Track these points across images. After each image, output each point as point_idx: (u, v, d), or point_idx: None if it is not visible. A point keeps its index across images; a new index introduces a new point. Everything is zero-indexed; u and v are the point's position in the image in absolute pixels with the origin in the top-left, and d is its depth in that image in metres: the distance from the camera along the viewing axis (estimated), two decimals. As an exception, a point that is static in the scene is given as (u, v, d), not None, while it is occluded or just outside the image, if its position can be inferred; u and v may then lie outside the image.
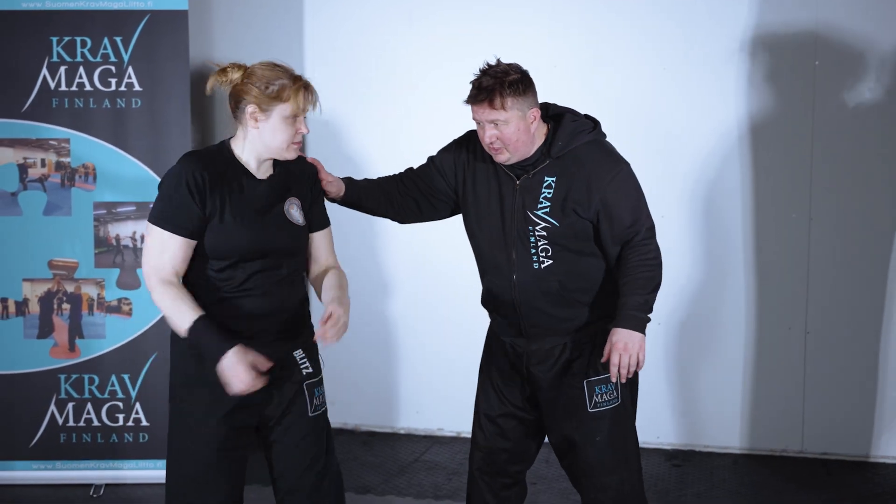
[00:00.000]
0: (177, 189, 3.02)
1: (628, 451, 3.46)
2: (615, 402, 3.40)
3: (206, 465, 3.15)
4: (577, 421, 3.40)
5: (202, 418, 3.12)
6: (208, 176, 3.04)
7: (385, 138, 5.42)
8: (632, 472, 3.46)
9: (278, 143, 3.07)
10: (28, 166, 4.81)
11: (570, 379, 3.40)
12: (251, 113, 3.04)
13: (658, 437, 5.26)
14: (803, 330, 5.08)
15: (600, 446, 3.40)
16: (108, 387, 4.85)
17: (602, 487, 3.43)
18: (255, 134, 3.07)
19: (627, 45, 5.12)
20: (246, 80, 3.05)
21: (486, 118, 3.27)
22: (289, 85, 3.04)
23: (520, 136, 3.28)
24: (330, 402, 5.56)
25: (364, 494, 4.78)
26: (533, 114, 3.29)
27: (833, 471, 5.01)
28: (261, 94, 3.02)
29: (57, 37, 4.77)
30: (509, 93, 3.23)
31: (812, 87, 4.95)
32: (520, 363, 3.48)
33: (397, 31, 5.36)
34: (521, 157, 3.34)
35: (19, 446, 4.84)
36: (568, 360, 3.40)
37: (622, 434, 3.44)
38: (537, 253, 3.34)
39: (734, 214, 5.09)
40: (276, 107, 3.03)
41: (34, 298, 4.84)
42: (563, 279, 3.34)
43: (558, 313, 3.38)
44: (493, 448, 3.56)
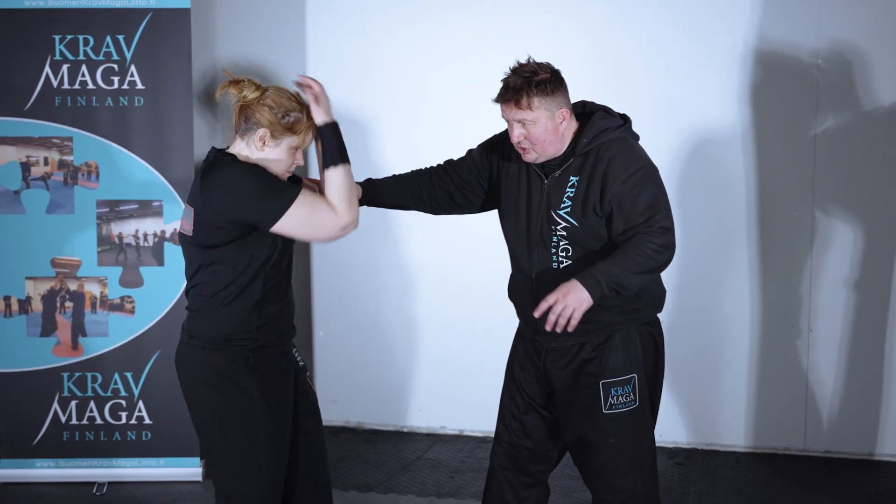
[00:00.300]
0: (261, 174, 3.06)
1: (644, 455, 3.42)
2: (631, 404, 3.37)
3: (280, 468, 3.21)
4: (591, 421, 3.38)
5: (267, 417, 3.15)
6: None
7: (386, 136, 5.42)
8: (645, 476, 3.42)
9: (277, 169, 3.14)
10: (31, 164, 4.81)
11: (586, 379, 3.37)
12: (261, 136, 3.10)
13: (661, 436, 5.22)
14: (806, 328, 5.08)
15: (614, 448, 3.38)
16: (110, 385, 4.86)
17: (614, 490, 3.41)
18: (258, 156, 3.13)
19: (631, 43, 5.11)
20: (262, 103, 3.10)
21: (513, 117, 3.27)
22: (303, 119, 3.13)
23: (547, 137, 3.27)
24: (332, 400, 5.63)
25: (366, 493, 4.78)
26: (562, 114, 3.28)
27: (836, 469, 5.00)
28: (276, 122, 3.10)
29: (59, 35, 4.77)
30: (536, 92, 3.22)
31: (816, 83, 4.94)
32: (539, 360, 3.47)
33: (399, 29, 5.35)
34: (549, 157, 3.32)
35: (22, 444, 4.85)
36: (584, 360, 3.38)
37: (637, 437, 3.40)
38: (557, 253, 3.33)
39: (737, 212, 5.09)
40: (286, 137, 3.12)
41: (37, 297, 4.84)
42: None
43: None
44: (516, 444, 3.55)
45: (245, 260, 3.09)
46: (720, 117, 5.06)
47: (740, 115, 5.03)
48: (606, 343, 3.36)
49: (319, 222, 3.08)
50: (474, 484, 4.84)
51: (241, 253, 3.08)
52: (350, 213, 3.11)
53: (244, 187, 3.03)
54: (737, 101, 5.03)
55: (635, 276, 3.16)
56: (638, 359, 3.38)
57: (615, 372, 3.35)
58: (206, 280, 3.13)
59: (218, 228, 3.06)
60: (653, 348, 3.44)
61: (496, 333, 4.50)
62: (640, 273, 3.17)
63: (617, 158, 3.28)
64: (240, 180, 3.04)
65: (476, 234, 4.95)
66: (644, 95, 5.08)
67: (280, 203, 3.03)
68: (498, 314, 4.32)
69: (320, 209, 3.08)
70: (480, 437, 5.42)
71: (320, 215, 3.08)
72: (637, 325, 3.39)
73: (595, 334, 3.36)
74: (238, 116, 3.14)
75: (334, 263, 5.57)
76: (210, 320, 3.14)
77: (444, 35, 5.32)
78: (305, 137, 3.14)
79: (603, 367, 3.35)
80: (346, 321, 5.59)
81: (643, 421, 3.42)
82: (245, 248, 3.08)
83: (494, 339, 4.49)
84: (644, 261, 3.17)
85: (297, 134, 3.12)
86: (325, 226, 3.09)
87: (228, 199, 3.03)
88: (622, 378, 3.35)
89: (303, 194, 3.07)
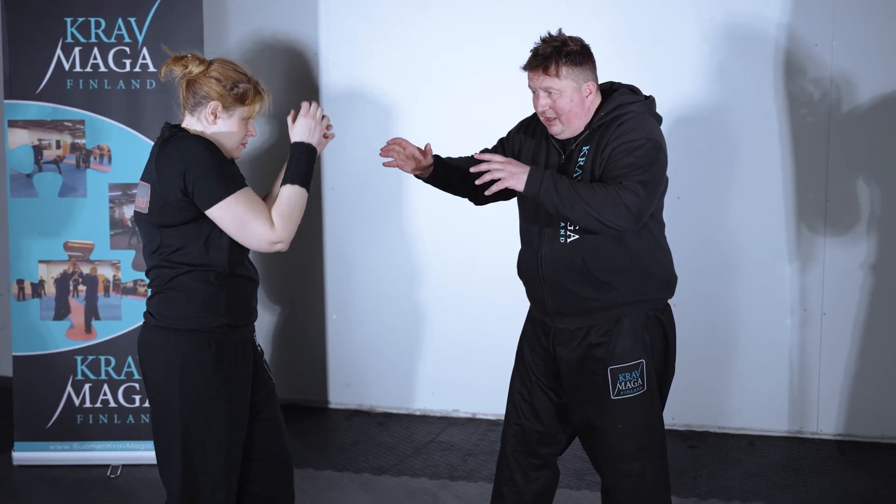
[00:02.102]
0: (218, 156, 3.04)
1: (653, 440, 3.41)
2: (640, 389, 3.36)
3: (236, 454, 3.19)
4: (599, 407, 3.38)
5: (229, 407, 3.14)
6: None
7: (400, 118, 5.41)
8: (654, 461, 3.41)
9: (232, 142, 3.14)
10: (43, 148, 4.80)
11: (594, 364, 3.37)
12: (213, 109, 3.09)
13: (673, 419, 5.26)
14: (819, 312, 5.07)
15: (622, 433, 3.37)
16: (124, 368, 4.87)
17: (622, 474, 3.41)
18: (212, 130, 3.12)
19: (650, 27, 5.08)
20: (208, 76, 3.09)
21: (540, 85, 3.26)
22: (251, 90, 3.12)
23: (573, 108, 3.26)
24: (345, 384, 5.64)
25: (380, 475, 4.79)
26: (588, 87, 3.28)
27: (848, 452, 5.01)
28: (226, 94, 3.09)
29: (71, 17, 4.76)
30: (565, 62, 3.23)
31: (829, 67, 4.92)
32: (548, 342, 3.46)
33: (413, 12, 5.33)
34: (574, 132, 3.31)
35: (37, 427, 4.86)
36: (591, 344, 3.37)
37: (646, 422, 3.39)
38: (565, 227, 3.31)
39: (751, 196, 5.07)
40: (237, 108, 3.11)
41: (50, 280, 4.84)
42: (587, 257, 3.29)
43: (581, 292, 3.33)
44: (525, 427, 3.55)
45: (202, 241, 3.06)
46: (732, 100, 5.03)
47: (755, 98, 5.01)
48: (615, 328, 3.35)
49: (252, 228, 3.03)
50: (487, 466, 4.85)
51: (198, 233, 3.05)
52: (284, 233, 3.06)
53: (197, 159, 3.00)
54: (750, 83, 5.01)
55: (579, 203, 3.11)
56: (646, 344, 3.37)
57: (623, 357, 3.34)
58: (165, 261, 3.09)
59: (171, 207, 3.02)
60: (660, 334, 3.42)
61: (508, 316, 4.50)
62: (585, 205, 3.11)
63: (624, 126, 3.25)
64: (195, 152, 3.01)
65: (487, 218, 4.94)
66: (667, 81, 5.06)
67: (222, 188, 3.00)
68: (510, 297, 4.31)
69: (257, 216, 3.03)
70: (493, 420, 5.43)
71: (255, 221, 3.03)
72: (646, 310, 3.38)
73: (602, 316, 3.35)
74: (186, 92, 3.12)
75: (347, 247, 5.57)
76: (176, 300, 3.10)
77: (459, 17, 5.29)
78: (255, 107, 3.14)
79: (611, 352, 3.34)
80: (358, 305, 5.59)
81: (651, 406, 3.41)
82: (202, 228, 3.05)
83: (507, 322, 4.48)
84: (595, 199, 3.11)
85: (247, 104, 3.12)
86: (256, 233, 3.04)
87: (179, 168, 2.99)
88: (630, 364, 3.34)
89: (248, 194, 3.04)
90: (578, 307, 3.36)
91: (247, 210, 3.02)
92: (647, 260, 3.37)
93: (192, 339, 3.08)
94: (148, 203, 3.07)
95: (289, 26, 5.47)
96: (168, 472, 3.16)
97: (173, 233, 3.06)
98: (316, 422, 5.51)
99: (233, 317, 3.12)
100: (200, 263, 3.07)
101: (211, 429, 3.10)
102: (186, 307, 3.09)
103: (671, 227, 5.11)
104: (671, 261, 3.49)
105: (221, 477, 3.13)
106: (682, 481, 4.67)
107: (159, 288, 3.13)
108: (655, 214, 3.41)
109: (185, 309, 3.09)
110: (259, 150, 5.48)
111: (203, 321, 3.08)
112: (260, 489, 3.30)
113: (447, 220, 5.34)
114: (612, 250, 3.31)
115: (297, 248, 5.54)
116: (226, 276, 3.10)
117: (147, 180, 3.09)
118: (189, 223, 3.04)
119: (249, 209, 3.02)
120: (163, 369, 3.11)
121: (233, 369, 3.12)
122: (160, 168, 3.03)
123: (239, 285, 3.14)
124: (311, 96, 5.47)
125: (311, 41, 5.46)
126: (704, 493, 4.56)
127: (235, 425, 3.15)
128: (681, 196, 5.12)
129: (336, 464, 4.93)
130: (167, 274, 3.10)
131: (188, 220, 3.04)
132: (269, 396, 3.31)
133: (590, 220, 3.14)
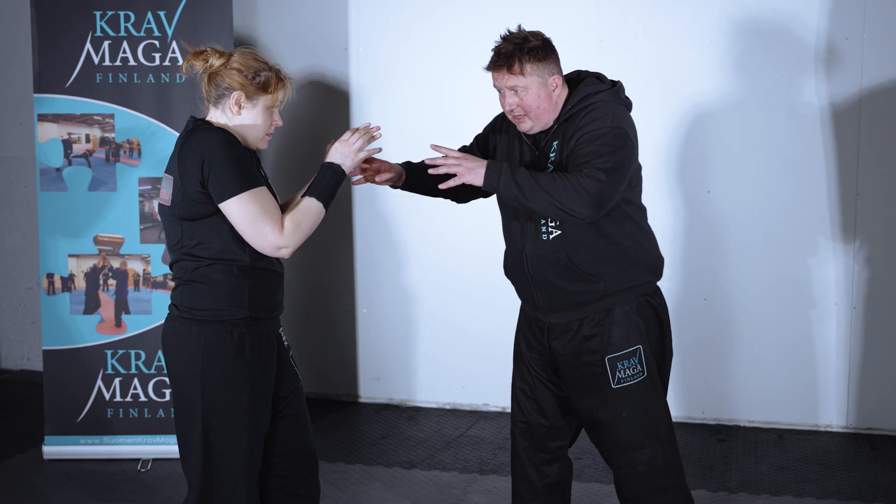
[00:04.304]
0: (238, 152, 3.03)
1: (659, 424, 3.39)
2: (640, 375, 3.34)
3: (256, 450, 3.19)
4: (601, 398, 3.36)
5: (250, 399, 3.13)
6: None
7: (430, 114, 5.39)
8: (663, 445, 3.38)
9: (257, 133, 3.14)
10: (73, 142, 4.80)
11: (590, 357, 3.35)
12: (237, 99, 3.09)
13: (703, 413, 5.26)
14: (849, 306, 5.06)
15: (627, 422, 3.35)
16: (154, 362, 4.86)
17: (632, 463, 3.39)
18: (236, 121, 3.11)
19: (676, 19, 5.06)
20: (230, 67, 3.09)
21: (506, 84, 3.24)
22: (273, 77, 3.12)
23: (541, 104, 3.24)
24: (375, 378, 5.64)
25: (410, 469, 4.79)
26: (554, 80, 3.25)
27: (878, 446, 5.00)
28: (248, 83, 3.09)
29: (100, 11, 4.75)
30: (528, 59, 3.20)
31: (860, 61, 4.90)
32: (542, 337, 3.45)
33: (443, 5, 5.31)
34: (544, 126, 3.29)
35: (67, 421, 4.87)
36: (585, 336, 3.34)
37: (650, 408, 3.37)
38: (546, 223, 3.29)
39: (780, 190, 5.06)
40: (261, 97, 3.11)
41: (80, 274, 4.84)
42: (571, 251, 3.28)
43: (568, 287, 3.31)
44: (531, 423, 3.54)
45: (223, 235, 3.05)
46: (762, 94, 5.02)
47: (785, 92, 4.99)
48: (607, 318, 3.33)
49: (261, 228, 3.02)
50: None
51: (219, 228, 3.05)
52: (292, 240, 3.05)
53: (216, 152, 2.99)
54: (781, 77, 4.99)
55: (540, 193, 3.10)
56: (640, 330, 3.35)
57: (619, 346, 3.32)
58: (187, 254, 3.09)
59: (191, 200, 3.02)
60: (654, 318, 3.40)
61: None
62: (546, 194, 3.09)
63: (589, 116, 3.23)
64: (215, 145, 3.01)
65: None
66: (691, 71, 5.05)
67: (238, 184, 2.99)
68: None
69: (269, 218, 3.02)
70: (520, 414, 5.43)
71: (266, 223, 3.02)
72: (636, 297, 3.36)
73: (592, 308, 3.33)
74: (208, 86, 3.12)
75: (377, 242, 5.56)
76: (199, 292, 3.09)
77: (489, 8, 5.27)
78: (279, 95, 3.13)
79: (605, 342, 3.32)
80: (389, 299, 5.59)
81: (654, 391, 3.38)
82: (223, 223, 3.04)
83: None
84: (555, 188, 3.09)
85: (270, 92, 3.11)
86: (264, 234, 3.02)
87: (198, 160, 2.99)
88: (627, 351, 3.32)
89: (264, 194, 3.04)
90: (568, 301, 3.34)
91: (259, 209, 3.01)
92: (631, 246, 3.34)
93: (214, 330, 3.08)
94: (171, 195, 3.07)
95: (318, 19, 5.46)
96: (189, 464, 3.16)
97: (193, 226, 3.06)
98: (346, 416, 5.51)
99: (256, 309, 3.12)
100: (222, 257, 3.07)
101: (231, 421, 3.10)
102: (209, 299, 3.08)
103: (700, 222, 5.15)
104: (656, 244, 3.46)
105: (242, 469, 3.13)
106: (711, 475, 4.67)
107: (183, 280, 3.13)
108: (633, 200, 3.36)
109: (208, 300, 3.09)
110: (286, 149, 5.47)
111: (226, 313, 3.08)
112: (284, 483, 3.30)
113: (477, 214, 5.31)
114: (595, 242, 3.29)
115: (327, 242, 5.56)
116: (249, 268, 3.10)
117: (170, 173, 3.10)
118: (209, 217, 3.04)
119: (262, 209, 3.01)
120: (185, 360, 3.11)
121: (255, 362, 3.12)
122: (181, 160, 3.03)
123: (262, 278, 3.14)
124: (340, 92, 5.46)
125: (341, 34, 5.44)
126: (734, 486, 4.56)
127: (257, 418, 3.14)
128: (711, 190, 5.11)
129: (366, 458, 4.93)
130: (190, 266, 3.10)
131: (208, 214, 3.04)
132: (295, 392, 3.30)
133: (552, 209, 3.12)
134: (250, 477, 3.15)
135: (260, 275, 3.12)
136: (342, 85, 5.47)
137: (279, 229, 3.03)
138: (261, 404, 3.15)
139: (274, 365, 3.20)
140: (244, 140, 3.13)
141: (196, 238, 3.06)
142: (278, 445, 3.26)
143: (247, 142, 3.13)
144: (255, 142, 3.15)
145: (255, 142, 3.15)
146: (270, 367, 3.19)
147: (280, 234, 3.03)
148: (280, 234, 3.03)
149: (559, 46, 3.31)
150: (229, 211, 3.00)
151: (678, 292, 5.18)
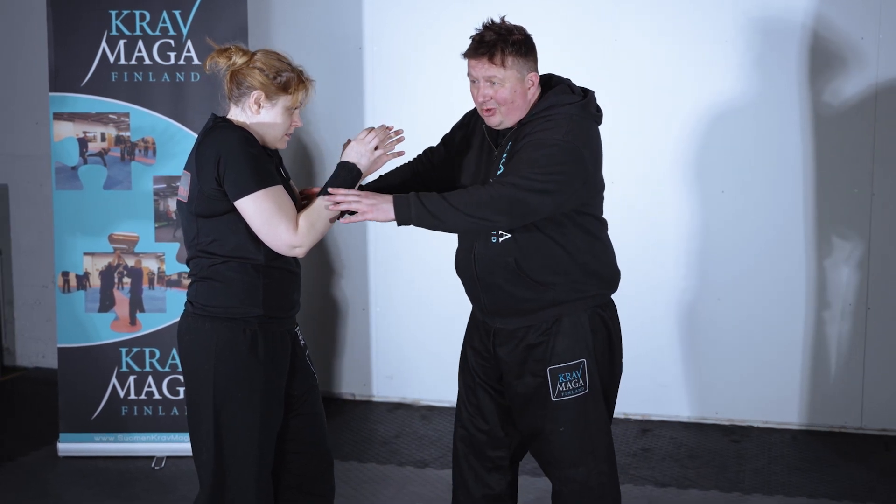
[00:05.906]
0: (256, 151, 3.03)
1: (596, 444, 3.27)
2: (581, 390, 3.22)
3: (269, 447, 3.20)
4: (541, 410, 3.24)
5: (262, 397, 3.13)
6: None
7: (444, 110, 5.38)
8: (599, 465, 3.27)
9: (276, 132, 3.14)
10: (88, 140, 4.82)
11: (533, 365, 3.24)
12: (256, 98, 3.09)
13: (717, 413, 5.26)
14: (864, 306, 5.04)
15: (564, 437, 3.24)
16: (168, 360, 4.88)
17: (566, 480, 3.28)
18: (255, 120, 3.12)
19: (691, 19, 5.06)
20: (252, 66, 3.10)
21: (483, 74, 3.16)
22: (294, 79, 3.12)
23: (515, 99, 3.16)
24: (388, 377, 5.64)
25: (423, 468, 4.79)
26: (532, 78, 3.18)
27: (892, 446, 4.99)
28: (269, 83, 3.09)
29: (116, 10, 4.77)
30: (511, 51, 3.13)
31: (876, 61, 4.88)
32: (489, 342, 3.36)
33: (456, 7, 5.31)
34: (511, 123, 3.20)
35: (82, 419, 4.88)
36: (530, 344, 3.24)
37: (588, 425, 3.25)
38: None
39: (795, 190, 5.05)
40: (281, 97, 3.11)
41: (95, 272, 4.86)
42: (520, 257, 3.18)
43: (517, 293, 3.22)
44: (471, 429, 3.45)
45: (239, 233, 3.05)
46: (777, 94, 5.01)
47: (799, 92, 4.98)
48: (553, 327, 3.22)
49: (276, 227, 3.02)
50: (529, 460, 4.83)
51: (235, 226, 3.05)
52: (306, 239, 3.06)
53: (233, 149, 3.00)
54: (796, 77, 4.98)
55: (456, 214, 3.03)
56: (587, 343, 3.23)
57: (562, 357, 3.21)
58: (203, 251, 3.09)
59: (208, 197, 3.02)
60: (604, 332, 3.28)
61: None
62: (461, 214, 3.03)
63: (543, 124, 3.13)
64: (232, 142, 3.01)
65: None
66: (705, 70, 5.05)
67: (254, 181, 2.99)
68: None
69: (284, 217, 3.03)
70: (533, 413, 5.42)
71: (281, 221, 3.02)
72: (586, 308, 3.25)
73: (540, 316, 3.23)
74: (230, 84, 3.13)
75: (391, 241, 5.56)
76: (214, 289, 3.10)
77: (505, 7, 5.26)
78: (299, 96, 3.13)
79: (549, 352, 3.22)
80: (402, 298, 5.59)
81: (594, 408, 3.26)
82: (239, 221, 3.04)
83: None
84: (470, 204, 3.03)
85: (290, 93, 3.11)
86: (278, 233, 3.03)
87: (215, 156, 2.99)
88: (570, 363, 3.21)
89: (280, 192, 3.04)
90: (515, 307, 3.25)
91: (274, 208, 3.01)
92: (586, 257, 3.23)
93: (227, 327, 3.09)
94: (188, 192, 3.09)
95: (333, 17, 5.46)
96: (201, 461, 3.17)
97: (209, 223, 3.07)
98: (359, 415, 5.52)
99: (270, 308, 3.12)
100: (237, 255, 3.08)
101: (243, 418, 3.10)
102: (224, 296, 3.09)
103: (718, 221, 5.15)
104: (613, 257, 3.35)
105: (253, 467, 3.13)
106: (725, 475, 4.66)
107: (198, 277, 3.14)
108: (591, 212, 3.25)
109: (223, 298, 3.09)
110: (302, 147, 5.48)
111: (240, 310, 3.09)
112: (298, 482, 3.30)
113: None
114: (547, 249, 3.19)
115: (341, 241, 5.56)
116: (264, 267, 3.10)
117: (188, 169, 3.11)
118: (224, 214, 3.05)
119: (277, 208, 3.02)
120: (198, 356, 3.12)
121: (268, 360, 3.12)
122: (199, 157, 3.05)
123: (278, 277, 3.14)
124: (355, 91, 5.47)
125: (356, 32, 5.45)
126: (748, 487, 4.55)
127: (268, 416, 3.14)
128: (725, 190, 5.11)
129: (379, 457, 4.93)
130: (205, 263, 3.11)
131: (224, 211, 3.04)
132: (311, 391, 3.31)
133: (472, 223, 3.07)
134: (262, 474, 3.16)
135: (275, 274, 3.13)
136: (356, 84, 5.47)
137: (293, 228, 3.04)
138: (273, 402, 3.16)
139: (287, 363, 3.21)
140: (262, 139, 3.13)
141: (212, 235, 3.07)
142: (291, 443, 3.27)
143: (265, 141, 3.14)
144: (273, 141, 3.16)
145: (273, 141, 3.16)
146: (284, 366, 3.19)
147: (294, 233, 3.04)
148: (294, 233, 3.04)
149: (574, 46, 3.30)
150: (244, 209, 3.01)
151: (692, 293, 5.18)
